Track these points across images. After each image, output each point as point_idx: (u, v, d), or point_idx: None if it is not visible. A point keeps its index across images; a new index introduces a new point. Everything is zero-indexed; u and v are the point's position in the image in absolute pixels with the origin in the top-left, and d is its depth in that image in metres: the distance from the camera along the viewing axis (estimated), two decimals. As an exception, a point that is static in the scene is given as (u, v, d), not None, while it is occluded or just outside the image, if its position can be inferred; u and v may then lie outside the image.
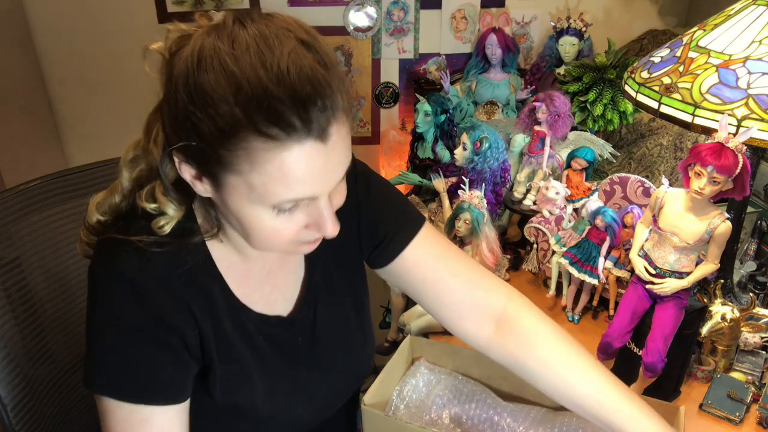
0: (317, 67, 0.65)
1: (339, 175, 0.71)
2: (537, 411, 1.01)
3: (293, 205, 0.70)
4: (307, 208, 0.72)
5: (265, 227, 0.72)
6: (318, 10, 1.87)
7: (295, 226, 0.73)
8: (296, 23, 0.69)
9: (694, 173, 0.93)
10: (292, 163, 0.65)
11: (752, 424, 1.06)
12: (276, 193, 0.68)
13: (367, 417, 0.96)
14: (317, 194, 0.70)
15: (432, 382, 1.07)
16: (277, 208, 0.70)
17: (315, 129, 0.65)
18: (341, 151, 0.69)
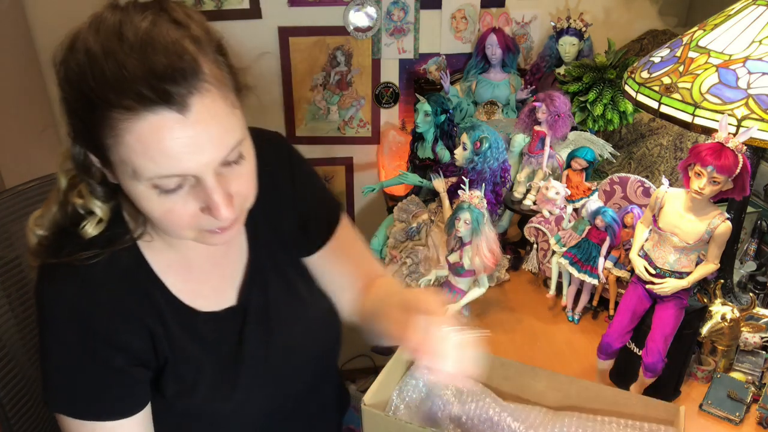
0: (181, 41, 0.67)
1: (213, 151, 0.69)
2: (537, 411, 1.01)
3: (176, 185, 0.70)
4: (194, 190, 0.71)
5: (155, 208, 0.72)
6: (318, 10, 1.86)
7: (186, 208, 0.72)
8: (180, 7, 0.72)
9: (694, 173, 0.93)
10: (148, 133, 0.65)
11: (752, 424, 1.06)
12: (144, 167, 0.67)
13: (367, 417, 0.96)
14: (189, 171, 0.69)
15: (432, 382, 1.07)
16: (158, 186, 0.69)
17: (170, 99, 0.64)
18: (211, 125, 0.68)
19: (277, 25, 1.87)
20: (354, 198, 2.19)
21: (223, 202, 0.72)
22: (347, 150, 2.10)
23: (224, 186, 0.72)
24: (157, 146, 0.66)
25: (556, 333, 1.30)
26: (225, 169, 0.73)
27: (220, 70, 0.71)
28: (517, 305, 1.39)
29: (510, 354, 1.23)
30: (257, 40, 1.89)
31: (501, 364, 1.05)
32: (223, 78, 0.71)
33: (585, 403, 1.00)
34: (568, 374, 1.03)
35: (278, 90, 1.97)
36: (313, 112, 2.02)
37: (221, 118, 0.70)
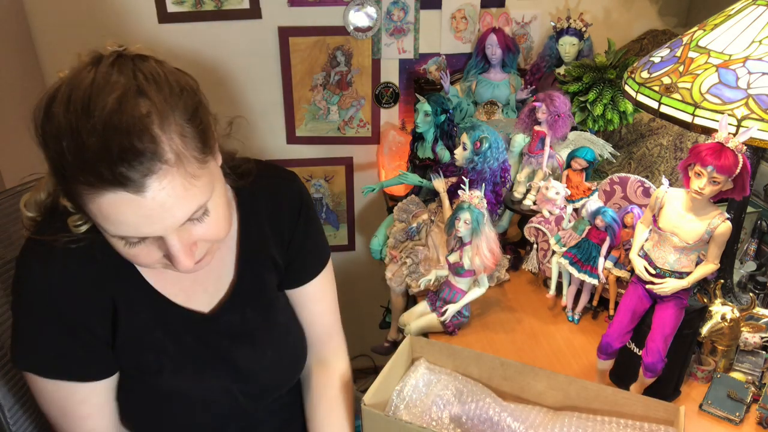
0: (144, 120, 0.69)
1: (171, 221, 0.74)
2: (537, 411, 1.01)
3: (139, 240, 0.76)
4: (157, 242, 0.77)
5: (122, 252, 0.78)
6: (318, 10, 1.86)
7: (152, 256, 0.79)
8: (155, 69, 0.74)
9: (694, 173, 0.93)
10: (108, 207, 0.71)
11: (752, 424, 1.06)
12: (107, 229, 0.74)
13: (367, 417, 0.96)
14: (149, 235, 0.75)
15: (432, 382, 1.07)
16: (125, 241, 0.76)
17: (126, 182, 0.68)
18: (168, 202, 0.72)
19: (277, 25, 1.87)
20: (354, 198, 2.19)
21: (184, 254, 0.77)
22: (347, 150, 2.10)
23: (186, 238, 0.78)
24: (116, 218, 0.72)
25: (556, 333, 1.30)
26: (188, 224, 0.77)
27: (184, 141, 0.73)
28: (517, 305, 1.39)
29: (510, 354, 1.23)
30: (257, 40, 1.89)
31: (501, 364, 1.05)
32: (187, 150, 0.73)
33: (585, 403, 1.00)
34: (568, 374, 1.03)
35: (278, 90, 1.97)
36: (313, 112, 2.02)
37: (179, 194, 0.73)
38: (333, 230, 2.24)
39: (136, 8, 1.79)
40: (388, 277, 1.49)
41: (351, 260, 2.31)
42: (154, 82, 0.72)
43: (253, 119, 2.01)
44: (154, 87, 0.72)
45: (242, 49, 1.89)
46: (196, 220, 0.77)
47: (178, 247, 0.76)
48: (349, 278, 2.31)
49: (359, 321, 2.28)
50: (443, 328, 1.29)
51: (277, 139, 2.05)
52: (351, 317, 2.30)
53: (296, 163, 2.09)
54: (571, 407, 1.01)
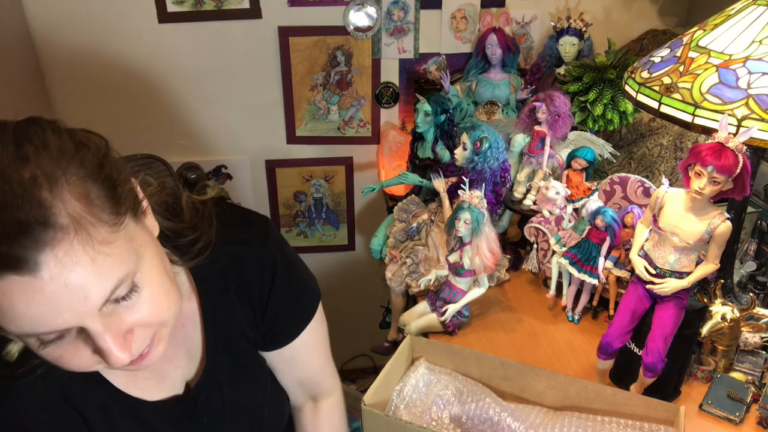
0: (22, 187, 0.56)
1: (84, 303, 0.59)
2: (537, 411, 1.01)
3: (56, 336, 0.61)
4: (81, 334, 0.63)
5: (46, 356, 0.64)
6: (318, 10, 1.86)
7: (79, 354, 0.64)
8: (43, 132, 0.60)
9: (694, 173, 0.93)
10: (1, 301, 0.56)
11: (752, 424, 1.06)
12: (8, 329, 0.59)
13: (367, 417, 0.96)
14: (58, 328, 0.60)
15: (432, 382, 1.07)
16: (36, 339, 0.61)
17: (14, 263, 0.55)
18: (73, 278, 0.57)
19: (277, 25, 1.87)
20: (354, 198, 2.19)
21: (114, 344, 0.63)
22: (347, 150, 2.10)
23: (116, 325, 0.63)
24: (12, 311, 0.57)
25: (556, 333, 1.30)
26: (115, 307, 0.63)
27: (85, 202, 0.59)
28: (517, 305, 1.39)
29: (510, 354, 1.23)
30: (257, 40, 1.89)
31: (501, 364, 1.05)
32: (91, 213, 0.59)
33: (585, 403, 1.00)
34: (568, 374, 1.03)
35: (278, 90, 1.97)
36: (313, 112, 2.02)
37: (86, 266, 0.58)
38: (333, 230, 2.24)
39: (136, 8, 1.79)
40: (388, 277, 1.49)
41: (351, 260, 2.31)
42: (40, 144, 0.59)
43: (253, 119, 2.01)
44: (40, 149, 0.58)
45: (242, 48, 1.89)
46: (122, 300, 0.63)
47: (106, 337, 0.62)
48: (349, 278, 2.31)
49: (359, 321, 2.29)
50: (443, 328, 1.29)
51: (277, 139, 2.05)
52: (351, 317, 2.31)
53: (296, 163, 2.09)
54: (571, 407, 1.01)
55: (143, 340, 0.67)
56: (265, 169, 2.09)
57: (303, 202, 2.17)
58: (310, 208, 2.19)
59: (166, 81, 1.90)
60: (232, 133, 2.03)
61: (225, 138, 2.03)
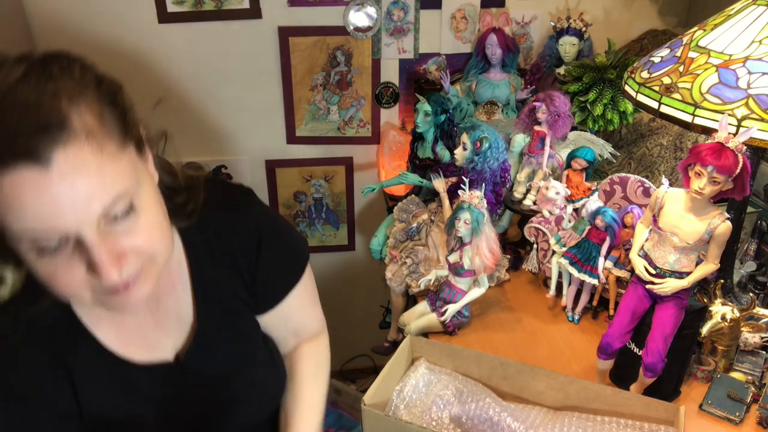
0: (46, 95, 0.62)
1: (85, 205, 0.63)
2: (537, 411, 1.01)
3: (56, 244, 0.65)
4: (78, 249, 0.66)
5: (39, 271, 0.67)
6: (318, 10, 1.86)
7: (72, 271, 0.67)
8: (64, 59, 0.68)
9: (694, 173, 0.93)
10: (11, 191, 0.61)
11: (752, 424, 1.06)
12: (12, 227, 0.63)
13: (367, 417, 0.96)
14: (59, 228, 0.63)
15: (432, 382, 1.07)
16: (37, 246, 0.65)
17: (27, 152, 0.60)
18: (79, 178, 0.62)
19: (277, 25, 1.87)
20: (354, 198, 2.19)
21: (108, 260, 0.66)
22: (347, 150, 2.10)
23: (111, 243, 0.67)
24: (19, 204, 0.61)
25: (556, 333, 1.30)
26: (112, 226, 0.67)
27: (98, 119, 0.65)
28: (517, 305, 1.39)
29: (510, 354, 1.23)
30: (257, 40, 1.89)
31: (501, 364, 1.05)
32: (102, 128, 0.65)
33: (585, 403, 1.00)
34: (568, 374, 1.03)
35: (278, 90, 1.97)
36: (313, 112, 2.02)
37: (92, 171, 0.63)
38: (333, 230, 2.24)
39: (136, 8, 1.79)
40: (388, 277, 1.49)
41: (351, 260, 2.31)
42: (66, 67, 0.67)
43: (253, 119, 2.01)
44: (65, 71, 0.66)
45: (242, 49, 1.89)
46: (120, 218, 0.67)
47: (101, 250, 0.66)
48: (349, 278, 2.31)
49: (359, 321, 2.29)
50: (443, 328, 1.29)
51: (277, 139, 2.05)
52: (351, 317, 2.31)
53: (296, 163, 2.09)
54: (571, 407, 1.01)
55: (133, 267, 0.70)
56: (265, 169, 2.09)
57: (303, 202, 2.17)
58: (310, 208, 2.19)
59: (165, 81, 1.90)
60: (232, 133, 2.03)
61: (225, 138, 2.03)
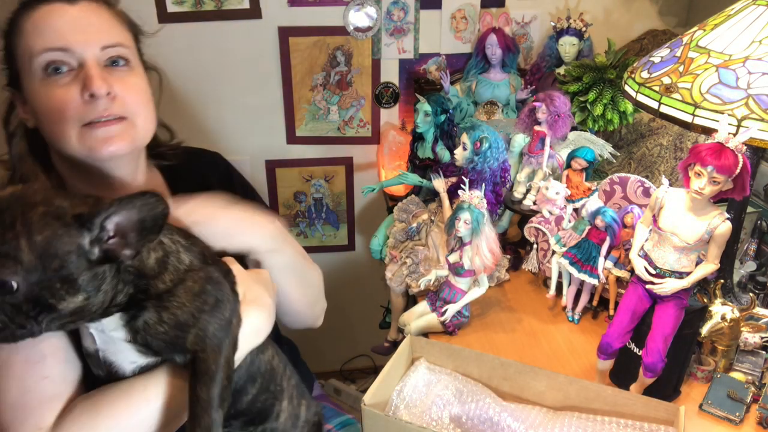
0: None
1: (94, 34, 0.87)
2: (537, 411, 1.01)
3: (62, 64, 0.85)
4: (78, 76, 0.86)
5: (43, 99, 0.86)
6: (318, 10, 1.86)
7: (69, 93, 0.85)
8: None
9: (694, 173, 0.93)
10: (40, 18, 0.86)
11: (752, 424, 1.06)
12: (35, 45, 0.85)
13: (367, 417, 0.96)
14: (71, 45, 0.85)
15: (432, 382, 1.07)
16: (47, 66, 0.85)
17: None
18: (93, 17, 0.88)
19: (277, 25, 1.87)
20: (354, 198, 2.19)
21: (98, 76, 0.85)
22: (347, 150, 2.10)
23: (106, 74, 0.87)
24: (46, 24, 0.85)
25: (556, 333, 1.30)
26: (109, 71, 0.88)
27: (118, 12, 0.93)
28: (517, 305, 1.39)
29: (510, 354, 1.23)
30: (257, 40, 1.89)
31: (501, 364, 1.05)
32: (119, 13, 0.92)
33: (585, 403, 1.00)
34: (568, 374, 1.03)
35: (278, 90, 1.97)
36: (313, 112, 2.02)
37: (104, 19, 0.89)
38: (333, 230, 2.24)
39: (136, 8, 1.78)
40: (388, 277, 1.49)
41: (351, 260, 2.31)
42: None
43: (253, 119, 2.01)
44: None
45: (242, 49, 1.89)
46: (117, 66, 0.89)
47: (95, 70, 0.86)
48: (349, 278, 2.31)
49: (359, 321, 2.29)
50: (443, 328, 1.29)
51: (277, 139, 2.05)
52: (351, 317, 2.31)
53: (296, 163, 2.09)
54: (571, 407, 1.01)
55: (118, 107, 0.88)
56: (265, 169, 2.09)
57: (303, 203, 2.17)
58: (310, 208, 2.19)
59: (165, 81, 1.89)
60: (232, 133, 2.03)
61: (225, 138, 2.03)
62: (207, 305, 0.74)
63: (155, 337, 0.72)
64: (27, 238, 0.61)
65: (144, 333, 0.72)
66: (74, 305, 0.65)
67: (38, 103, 0.86)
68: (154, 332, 0.72)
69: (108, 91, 0.86)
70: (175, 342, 0.73)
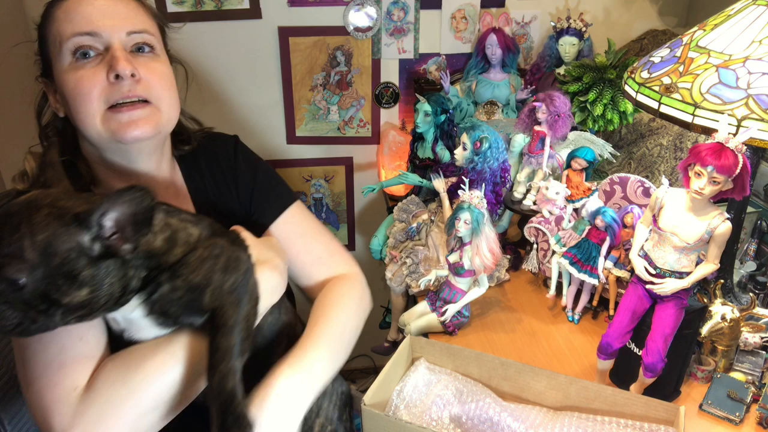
0: None
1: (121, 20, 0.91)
2: (537, 411, 1.01)
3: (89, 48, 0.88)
4: (104, 60, 0.89)
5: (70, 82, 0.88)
6: (318, 10, 1.86)
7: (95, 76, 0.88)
8: None
9: (694, 173, 0.93)
10: (72, 5, 0.90)
11: (752, 424, 1.06)
12: (65, 30, 0.88)
13: (367, 417, 0.96)
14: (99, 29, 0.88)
15: (432, 382, 1.07)
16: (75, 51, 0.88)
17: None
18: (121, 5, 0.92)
19: (277, 25, 1.87)
20: (354, 198, 2.19)
21: (124, 58, 0.88)
22: (347, 150, 2.10)
23: (131, 59, 0.90)
24: (76, 10, 0.89)
25: (556, 333, 1.30)
26: (135, 55, 0.92)
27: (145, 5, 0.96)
28: (517, 305, 1.39)
29: (510, 354, 1.23)
30: (257, 40, 1.89)
31: (501, 364, 1.05)
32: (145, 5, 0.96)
33: (585, 403, 1.00)
34: (568, 374, 1.03)
35: (278, 90, 1.97)
36: (313, 112, 2.02)
37: (131, 8, 0.93)
38: (333, 230, 2.24)
39: (136, 8, 1.79)
40: (388, 277, 1.49)
41: (351, 260, 2.31)
42: None
43: (253, 119, 2.01)
44: None
45: (242, 49, 1.89)
46: (142, 51, 0.93)
47: (121, 53, 0.89)
48: (349, 278, 2.31)
49: (359, 321, 2.28)
50: (443, 328, 1.29)
51: (277, 139, 2.05)
52: (351, 317, 2.31)
53: (296, 163, 2.09)
54: (571, 407, 1.01)
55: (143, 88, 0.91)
56: (265, 169, 2.09)
57: (303, 203, 2.17)
58: (310, 208, 2.19)
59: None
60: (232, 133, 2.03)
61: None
62: (218, 265, 0.79)
63: (172, 304, 0.77)
64: (30, 238, 0.65)
65: (161, 302, 0.77)
66: (79, 299, 0.68)
67: (66, 88, 0.89)
68: (170, 299, 0.77)
69: (132, 73, 0.88)
70: (191, 304, 0.78)
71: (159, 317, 0.79)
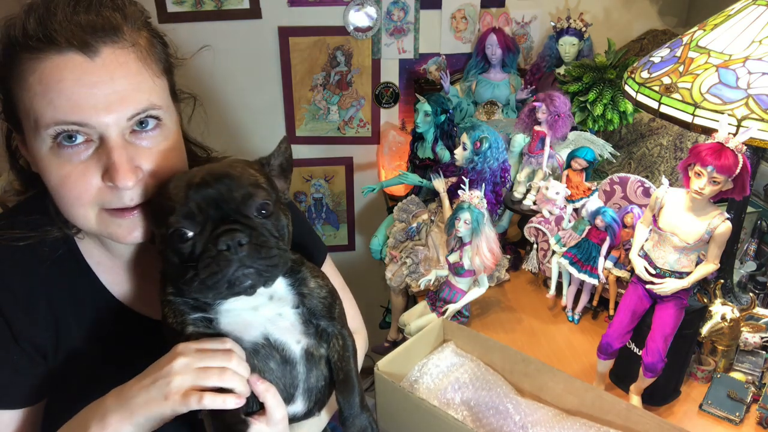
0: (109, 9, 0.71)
1: (118, 104, 0.68)
2: (545, 411, 1.00)
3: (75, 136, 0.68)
4: (96, 154, 0.70)
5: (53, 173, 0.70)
6: (318, 10, 1.87)
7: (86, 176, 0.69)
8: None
9: (694, 173, 0.93)
10: (50, 73, 0.66)
11: (752, 424, 1.06)
12: (43, 112, 0.66)
13: (379, 382, 0.98)
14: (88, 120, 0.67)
15: (455, 365, 1.09)
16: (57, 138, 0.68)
17: (78, 42, 0.66)
18: (119, 76, 0.68)
19: (277, 25, 1.87)
20: (354, 198, 2.19)
21: (126, 164, 0.69)
22: (347, 150, 2.10)
23: (132, 152, 0.71)
24: (58, 86, 0.66)
25: (556, 333, 1.30)
26: (137, 138, 0.72)
27: (149, 43, 0.74)
28: (517, 305, 1.39)
29: (510, 354, 1.23)
30: (257, 40, 1.89)
31: (522, 360, 1.05)
32: (150, 50, 0.73)
33: (599, 414, 0.98)
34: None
35: (278, 90, 1.97)
36: (313, 112, 2.02)
37: (132, 72, 0.70)
38: (333, 230, 2.24)
39: (136, 8, 1.79)
40: (388, 277, 1.49)
41: (351, 260, 2.31)
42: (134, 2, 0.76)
43: (253, 119, 2.01)
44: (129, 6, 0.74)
45: (242, 49, 1.89)
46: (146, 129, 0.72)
47: (122, 153, 0.69)
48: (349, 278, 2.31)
49: (359, 321, 2.28)
50: (443, 328, 1.29)
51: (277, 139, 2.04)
52: (351, 317, 2.31)
53: (296, 163, 2.08)
54: (586, 414, 1.00)
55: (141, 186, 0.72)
56: (265, 169, 2.09)
57: (303, 203, 2.18)
58: (310, 208, 2.19)
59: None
60: (232, 133, 2.03)
61: (225, 138, 2.03)
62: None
63: (318, 300, 0.80)
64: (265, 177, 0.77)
65: (309, 296, 0.80)
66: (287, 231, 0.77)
67: (47, 174, 0.71)
68: (317, 295, 0.80)
69: (134, 182, 0.71)
70: (330, 307, 0.82)
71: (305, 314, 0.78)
